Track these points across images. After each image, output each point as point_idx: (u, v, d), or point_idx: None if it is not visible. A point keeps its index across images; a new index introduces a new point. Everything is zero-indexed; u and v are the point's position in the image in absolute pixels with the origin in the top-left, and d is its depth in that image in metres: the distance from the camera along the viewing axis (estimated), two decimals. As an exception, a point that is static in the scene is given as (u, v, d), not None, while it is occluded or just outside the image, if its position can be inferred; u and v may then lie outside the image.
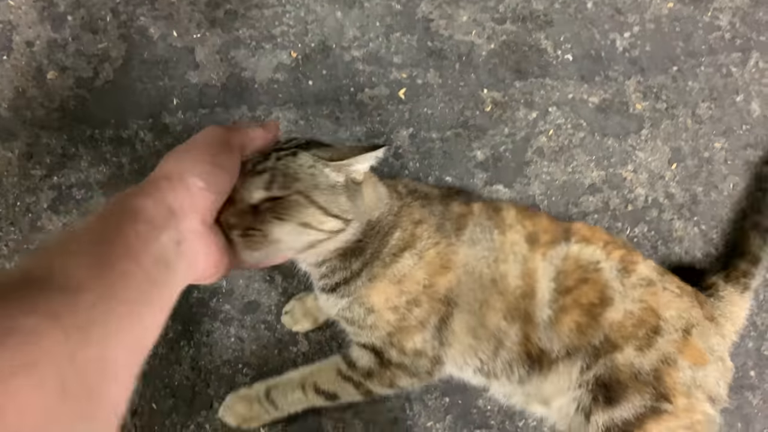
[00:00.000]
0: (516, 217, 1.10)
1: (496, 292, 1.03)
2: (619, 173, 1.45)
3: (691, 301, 1.10)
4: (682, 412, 0.98)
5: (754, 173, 1.45)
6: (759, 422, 1.24)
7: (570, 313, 1.03)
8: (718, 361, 1.07)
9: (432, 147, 1.44)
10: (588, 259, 1.08)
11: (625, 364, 1.00)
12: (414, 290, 0.99)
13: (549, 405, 1.08)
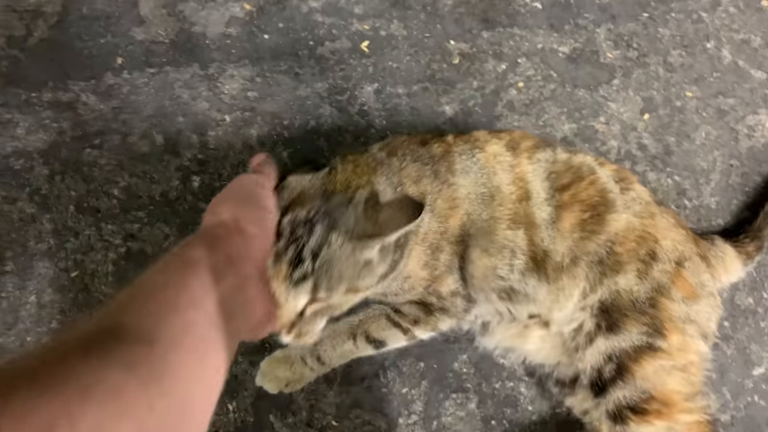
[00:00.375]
0: (488, 134, 1.10)
1: (497, 205, 1.02)
2: (591, 125, 1.41)
3: (686, 234, 1.10)
4: (677, 351, 0.99)
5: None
6: (733, 372, 1.24)
7: (571, 210, 1.02)
8: (710, 296, 1.07)
9: (399, 103, 1.37)
10: (580, 162, 1.07)
11: (625, 289, 1.01)
12: (435, 240, 0.99)
13: (549, 328, 1.08)
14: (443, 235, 0.99)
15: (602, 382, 1.00)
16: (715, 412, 1.20)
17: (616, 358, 0.99)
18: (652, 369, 0.98)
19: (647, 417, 0.97)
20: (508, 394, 1.18)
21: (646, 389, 0.97)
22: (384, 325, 1.05)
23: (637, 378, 0.98)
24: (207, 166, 1.27)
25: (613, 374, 0.99)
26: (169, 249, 1.17)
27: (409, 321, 1.04)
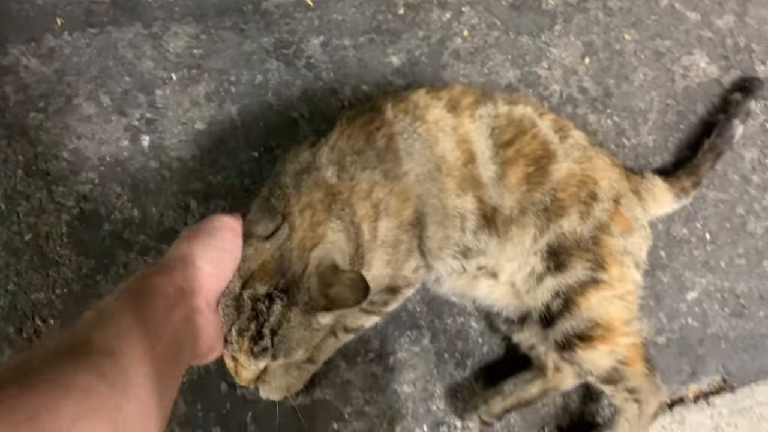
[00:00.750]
0: (427, 95, 1.11)
1: (444, 176, 1.05)
2: (534, 71, 1.46)
3: (620, 172, 1.17)
4: (617, 282, 1.07)
5: (723, 97, 1.48)
6: (669, 298, 1.33)
7: (516, 165, 1.07)
8: (642, 229, 1.16)
9: (345, 55, 1.39)
10: (521, 115, 1.11)
11: (570, 231, 1.07)
12: (393, 237, 1.02)
13: (498, 277, 1.13)
14: (400, 228, 1.02)
15: (550, 315, 1.08)
16: (652, 334, 1.30)
17: (564, 294, 1.06)
18: (596, 300, 1.06)
19: (592, 343, 1.05)
20: (459, 329, 1.25)
21: (592, 318, 1.05)
22: (358, 315, 1.10)
23: (582, 309, 1.05)
24: (156, 124, 1.28)
25: (561, 308, 1.06)
26: (121, 208, 1.19)
27: (380, 304, 1.10)
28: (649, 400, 1.09)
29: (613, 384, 1.08)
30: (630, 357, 1.07)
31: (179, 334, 0.68)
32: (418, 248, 1.06)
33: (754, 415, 1.25)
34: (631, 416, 1.10)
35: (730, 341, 1.32)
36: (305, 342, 0.87)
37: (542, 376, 1.16)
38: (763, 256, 1.39)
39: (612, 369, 1.06)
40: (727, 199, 1.42)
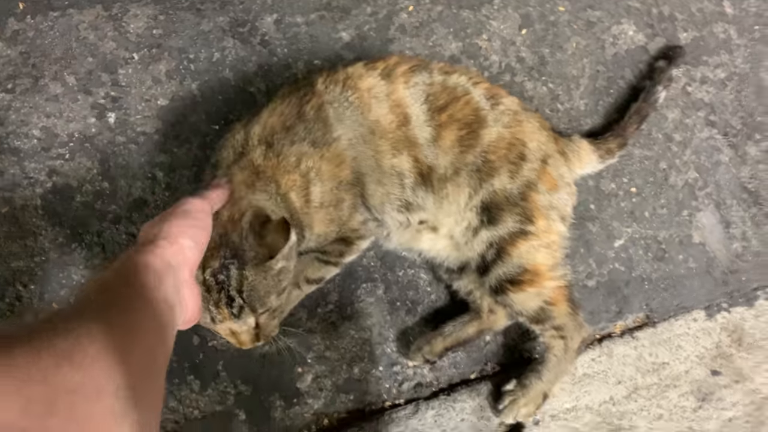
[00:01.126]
0: (363, 67, 1.21)
1: (378, 138, 1.16)
2: (475, 43, 1.57)
3: (548, 135, 1.30)
4: (543, 233, 1.21)
5: (648, 64, 1.62)
6: (598, 245, 1.48)
7: (449, 128, 1.19)
8: (567, 186, 1.29)
9: (298, 32, 1.49)
10: (455, 83, 1.23)
11: (501, 189, 1.20)
12: (333, 198, 1.12)
13: (438, 231, 1.26)
14: (339, 188, 1.13)
15: (485, 264, 1.21)
16: (583, 278, 1.45)
17: (496, 244, 1.20)
18: (525, 248, 1.19)
19: (522, 286, 1.19)
20: (409, 280, 1.38)
21: (521, 264, 1.19)
22: (317, 266, 1.21)
23: (513, 257, 1.19)
24: (120, 102, 1.37)
25: (494, 257, 1.20)
26: (92, 181, 1.28)
27: (336, 255, 1.20)
28: (573, 336, 1.24)
29: (540, 323, 1.22)
30: (555, 298, 1.21)
31: (171, 300, 0.76)
32: (362, 204, 1.17)
33: (672, 346, 1.41)
34: (558, 351, 1.24)
35: (653, 282, 1.48)
36: (273, 288, 0.97)
37: (478, 318, 1.30)
38: (682, 206, 1.54)
39: (539, 309, 1.20)
40: (651, 155, 1.56)
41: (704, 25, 1.71)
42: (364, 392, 1.30)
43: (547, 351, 1.25)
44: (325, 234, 1.15)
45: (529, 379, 1.26)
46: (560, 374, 1.26)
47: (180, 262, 0.82)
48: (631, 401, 1.35)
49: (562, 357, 1.24)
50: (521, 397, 1.25)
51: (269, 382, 1.27)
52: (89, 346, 0.56)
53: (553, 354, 1.24)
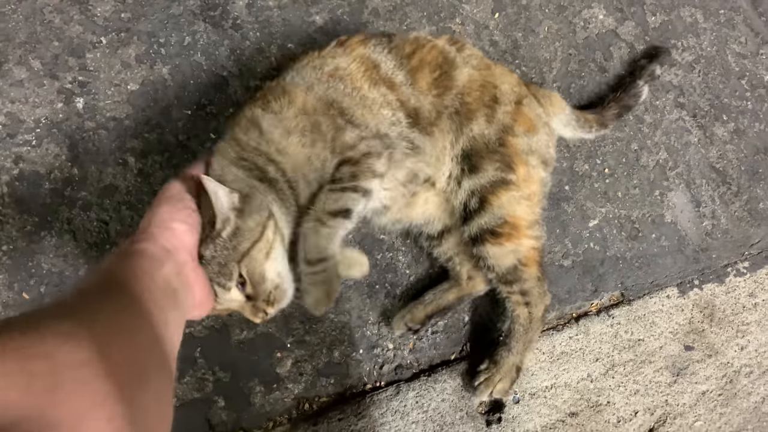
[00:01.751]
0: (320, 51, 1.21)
1: (345, 76, 1.15)
2: (448, 26, 1.58)
3: (518, 79, 1.32)
4: (523, 182, 1.22)
5: (631, 62, 1.66)
6: (573, 226, 1.50)
7: (422, 71, 1.20)
8: (545, 126, 1.31)
9: (270, 15, 1.47)
10: (415, 36, 1.25)
11: (479, 134, 1.21)
12: (296, 122, 1.08)
13: (435, 185, 1.25)
14: (302, 114, 1.09)
15: (467, 213, 1.22)
16: (559, 258, 1.47)
17: (478, 193, 1.20)
18: (506, 199, 1.20)
19: (500, 239, 1.21)
20: (388, 263, 1.37)
21: (502, 215, 1.20)
22: (334, 196, 1.08)
23: (495, 207, 1.20)
24: (89, 87, 1.33)
25: (477, 206, 1.21)
26: (61, 167, 1.25)
27: (349, 178, 1.08)
28: (537, 304, 1.26)
29: (509, 284, 1.24)
30: (529, 258, 1.23)
31: (173, 284, 0.76)
32: (349, 123, 1.12)
33: (647, 322, 1.44)
34: (523, 320, 1.27)
35: (627, 261, 1.50)
36: (230, 254, 0.94)
37: (457, 285, 1.32)
38: (654, 186, 1.57)
39: (512, 267, 1.22)
40: (623, 137, 1.59)
41: (672, 9, 1.75)
42: (344, 375, 1.30)
43: (513, 322, 1.27)
44: (320, 157, 1.09)
45: (500, 354, 1.27)
46: (528, 344, 1.28)
47: (176, 246, 0.83)
48: (608, 378, 1.37)
49: (528, 326, 1.27)
50: (495, 373, 1.26)
51: (248, 368, 1.26)
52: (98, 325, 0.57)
53: (519, 324, 1.27)
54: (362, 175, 1.09)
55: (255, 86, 1.41)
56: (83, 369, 0.51)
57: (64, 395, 0.49)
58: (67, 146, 1.30)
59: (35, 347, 0.50)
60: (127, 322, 0.62)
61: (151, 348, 0.64)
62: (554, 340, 1.37)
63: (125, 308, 0.65)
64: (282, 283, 1.00)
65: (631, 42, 1.68)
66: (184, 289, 0.81)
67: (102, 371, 0.53)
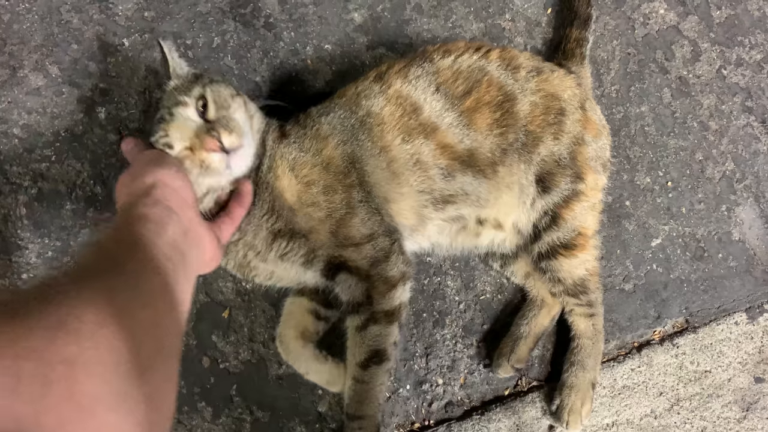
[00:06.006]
0: (358, 85, 1.14)
1: (375, 128, 1.07)
2: (498, 23, 1.45)
3: (573, 79, 1.22)
4: (590, 190, 1.17)
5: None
6: (634, 246, 1.39)
7: (480, 112, 1.11)
8: (604, 128, 1.25)
9: (305, 12, 1.35)
10: (468, 65, 1.14)
11: (548, 154, 1.14)
12: (315, 174, 1.03)
13: (503, 227, 1.18)
14: (323, 167, 1.03)
15: (537, 231, 1.16)
16: (620, 282, 1.36)
17: (551, 211, 1.15)
18: (579, 210, 1.16)
19: (573, 251, 1.16)
20: (435, 289, 1.28)
21: (575, 227, 1.16)
22: (357, 339, 1.02)
23: (567, 220, 1.15)
24: (111, 95, 1.23)
25: (549, 223, 1.15)
26: (83, 186, 1.15)
27: (365, 304, 1.02)
28: (599, 314, 1.21)
29: (576, 296, 1.18)
30: (594, 269, 1.20)
31: (180, 247, 0.73)
32: (364, 203, 1.04)
33: (714, 352, 1.34)
34: (589, 333, 1.21)
35: (692, 284, 1.40)
36: (186, 85, 1.00)
37: (545, 306, 1.24)
38: (721, 201, 1.45)
39: (581, 279, 1.17)
40: (686, 146, 1.47)
41: (738, 2, 1.61)
42: (390, 413, 1.21)
43: (580, 337, 1.22)
44: (309, 216, 1.02)
45: (574, 375, 1.21)
46: (598, 358, 1.22)
47: (180, 205, 0.79)
48: (673, 414, 1.28)
49: (595, 338, 1.21)
50: (576, 398, 1.20)
51: (288, 407, 1.18)
52: (86, 314, 0.50)
53: (587, 338, 1.21)
54: (377, 294, 1.01)
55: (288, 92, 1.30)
56: (76, 367, 0.46)
57: (52, 402, 0.44)
58: (88, 162, 1.20)
59: (21, 343, 0.45)
60: (124, 306, 0.56)
61: (152, 332, 0.58)
62: (615, 372, 1.28)
63: (123, 289, 0.59)
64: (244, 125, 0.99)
65: (695, 39, 1.55)
66: (194, 249, 0.79)
67: (95, 367, 0.48)
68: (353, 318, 1.03)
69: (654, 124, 1.46)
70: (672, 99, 1.49)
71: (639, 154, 1.44)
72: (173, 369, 0.60)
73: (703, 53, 1.54)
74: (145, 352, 0.53)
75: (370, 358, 1.01)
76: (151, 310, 0.59)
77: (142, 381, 0.51)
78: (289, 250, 1.03)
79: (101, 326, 0.50)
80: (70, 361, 0.46)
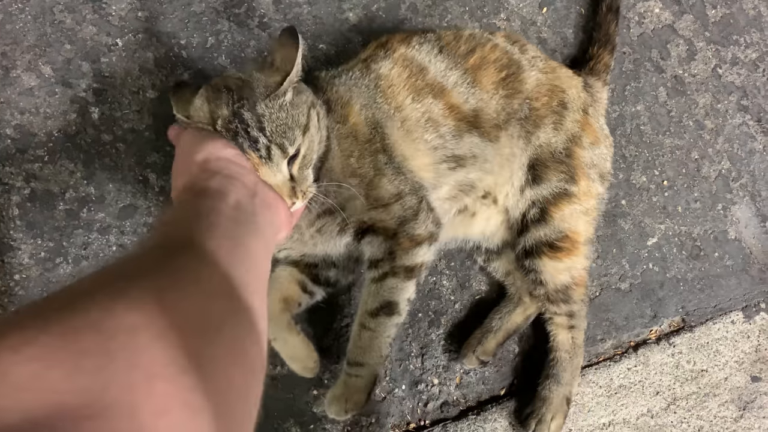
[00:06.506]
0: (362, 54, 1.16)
1: (387, 89, 1.07)
2: (493, 23, 1.45)
3: (581, 83, 1.23)
4: (583, 195, 1.16)
5: None
6: (630, 245, 1.39)
7: (486, 70, 1.12)
8: (606, 138, 1.23)
9: (300, 12, 1.35)
10: (470, 33, 1.16)
11: (546, 143, 1.14)
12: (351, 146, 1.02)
13: (497, 202, 1.18)
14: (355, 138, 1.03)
15: (525, 223, 1.16)
16: (616, 281, 1.36)
17: (539, 204, 1.14)
18: (568, 212, 1.14)
19: (558, 254, 1.14)
20: (431, 288, 1.27)
21: (563, 229, 1.14)
22: (372, 288, 1.02)
23: (556, 219, 1.14)
24: (105, 95, 1.22)
25: (537, 217, 1.14)
26: (76, 186, 1.15)
27: (387, 259, 1.02)
28: (580, 329, 1.19)
29: (557, 304, 1.17)
30: (580, 279, 1.17)
31: (247, 208, 0.71)
32: (389, 165, 1.03)
33: (710, 351, 1.33)
34: (568, 347, 1.19)
35: (688, 283, 1.39)
36: (294, 122, 0.88)
37: (521, 304, 1.23)
38: (717, 199, 1.45)
39: (565, 286, 1.15)
40: (682, 144, 1.47)
41: (733, 1, 1.61)
42: (386, 414, 1.20)
43: (557, 350, 1.20)
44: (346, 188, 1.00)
45: (547, 388, 1.20)
46: (575, 372, 1.21)
47: (238, 171, 0.77)
48: (670, 413, 1.27)
49: (573, 352, 1.20)
50: (546, 411, 1.18)
51: (283, 408, 1.17)
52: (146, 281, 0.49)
53: (564, 351, 1.20)
54: (400, 249, 1.01)
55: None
56: (138, 334, 0.44)
57: (117, 371, 0.41)
58: (82, 162, 1.19)
59: (81, 318, 0.43)
60: (188, 270, 0.54)
61: (220, 293, 0.55)
62: (612, 372, 1.27)
63: (186, 254, 0.57)
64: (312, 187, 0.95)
65: (690, 38, 1.55)
66: (266, 210, 0.75)
67: (160, 333, 0.45)
68: (372, 271, 1.02)
69: (650, 123, 1.46)
70: (668, 98, 1.49)
71: (635, 153, 1.43)
72: (246, 333, 0.57)
73: (699, 52, 1.54)
74: (215, 313, 0.52)
75: (381, 308, 1.00)
76: (218, 275, 0.57)
77: (211, 342, 0.49)
78: (326, 223, 1.03)
79: (166, 290, 0.49)
80: (131, 329, 0.44)
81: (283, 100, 0.87)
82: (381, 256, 1.02)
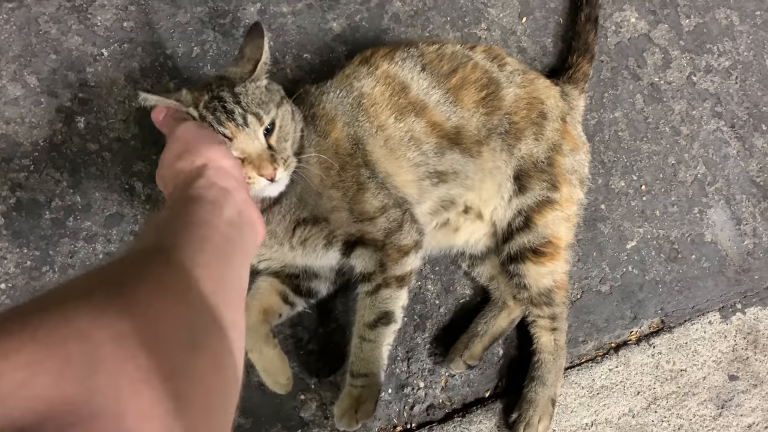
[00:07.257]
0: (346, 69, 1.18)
1: (370, 108, 1.11)
2: (474, 32, 1.48)
3: (558, 92, 1.27)
4: (565, 201, 1.20)
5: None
6: (610, 248, 1.42)
7: (467, 90, 1.15)
8: (584, 145, 1.28)
9: (284, 23, 1.37)
10: (452, 51, 1.19)
11: (528, 154, 1.18)
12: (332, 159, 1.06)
13: (483, 217, 1.21)
14: (336, 152, 1.06)
15: (510, 231, 1.19)
16: (597, 284, 1.39)
17: (525, 212, 1.18)
18: (551, 218, 1.19)
19: (541, 258, 1.18)
20: (416, 293, 1.29)
21: (546, 235, 1.18)
22: (368, 301, 1.06)
23: (539, 226, 1.18)
24: (90, 104, 1.23)
25: (522, 224, 1.18)
26: (62, 195, 1.15)
27: (378, 272, 1.05)
28: (562, 330, 1.23)
29: (540, 307, 1.21)
30: (561, 282, 1.21)
31: (236, 225, 0.72)
32: (372, 180, 1.07)
33: (689, 351, 1.37)
34: (551, 348, 1.22)
35: (667, 285, 1.43)
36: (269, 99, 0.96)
37: (506, 308, 1.26)
38: (693, 203, 1.49)
39: (547, 290, 1.19)
40: (659, 150, 1.51)
41: (706, 11, 1.66)
42: (373, 418, 1.21)
43: (541, 352, 1.23)
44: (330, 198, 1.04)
45: (533, 390, 1.22)
46: (559, 374, 1.24)
47: (233, 185, 0.79)
48: (650, 412, 1.30)
49: (556, 354, 1.23)
50: (533, 414, 1.20)
51: (270, 413, 1.18)
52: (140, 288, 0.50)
53: (548, 353, 1.23)
54: (389, 261, 1.05)
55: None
56: (125, 342, 0.44)
57: (103, 379, 0.42)
58: (68, 171, 1.20)
59: (68, 326, 0.43)
60: (177, 281, 0.55)
61: (206, 307, 0.56)
62: (593, 373, 1.30)
63: (176, 266, 0.57)
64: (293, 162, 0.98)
65: (665, 47, 1.59)
66: (249, 228, 0.78)
67: (146, 341, 0.45)
68: (365, 285, 1.07)
69: (627, 130, 1.50)
70: (644, 105, 1.53)
71: (613, 158, 1.47)
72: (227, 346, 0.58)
73: (674, 60, 1.58)
74: (200, 325, 0.53)
75: (378, 319, 1.05)
76: (206, 290, 0.57)
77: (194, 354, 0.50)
78: (311, 235, 1.06)
79: (154, 299, 0.50)
80: (118, 337, 0.44)
81: (258, 84, 0.95)
82: (372, 269, 1.06)
